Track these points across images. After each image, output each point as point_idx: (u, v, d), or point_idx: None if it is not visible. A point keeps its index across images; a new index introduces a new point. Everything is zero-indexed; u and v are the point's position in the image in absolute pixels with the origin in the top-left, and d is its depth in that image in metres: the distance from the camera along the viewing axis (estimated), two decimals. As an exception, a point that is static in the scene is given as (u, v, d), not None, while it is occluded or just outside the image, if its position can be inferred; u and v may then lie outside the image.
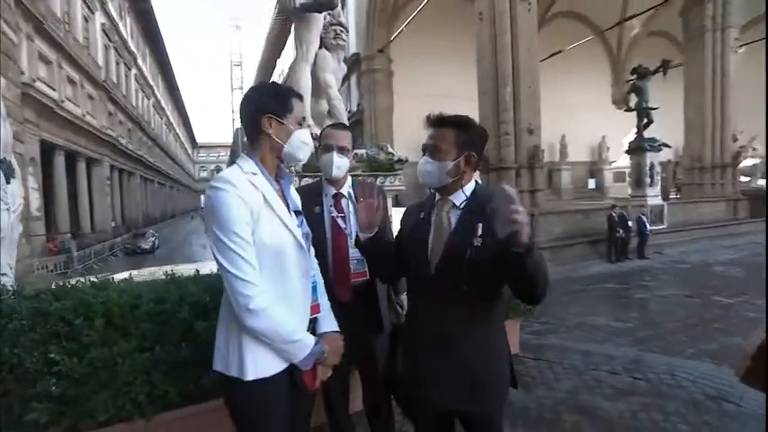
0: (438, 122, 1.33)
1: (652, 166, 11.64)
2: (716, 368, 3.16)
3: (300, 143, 1.28)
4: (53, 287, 1.96)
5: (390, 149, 5.62)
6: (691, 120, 13.79)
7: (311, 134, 1.36)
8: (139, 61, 31.45)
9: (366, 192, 1.35)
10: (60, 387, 1.72)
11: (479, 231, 1.25)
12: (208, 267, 2.38)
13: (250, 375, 1.16)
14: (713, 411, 2.52)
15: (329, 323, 1.38)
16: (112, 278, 2.05)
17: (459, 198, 1.33)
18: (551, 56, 15.82)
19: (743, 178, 14.87)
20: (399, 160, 5.75)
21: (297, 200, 1.38)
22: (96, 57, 21.16)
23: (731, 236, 12.20)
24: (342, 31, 5.75)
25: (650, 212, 10.96)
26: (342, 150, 1.71)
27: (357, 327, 1.62)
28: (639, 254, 9.85)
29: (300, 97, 1.30)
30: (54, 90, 15.88)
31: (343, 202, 1.76)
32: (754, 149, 16.65)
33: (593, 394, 2.68)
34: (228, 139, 58.01)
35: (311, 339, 1.23)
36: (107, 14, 23.37)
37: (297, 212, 1.33)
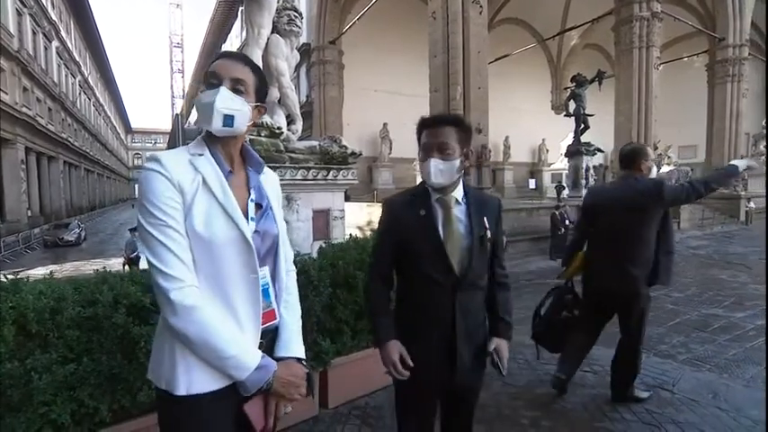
0: (441, 122, 1.36)
1: (587, 169, 12.50)
2: (646, 357, 3.41)
3: (200, 105, 1.04)
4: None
5: (344, 142, 5.45)
6: (621, 127, 14.96)
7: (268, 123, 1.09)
8: (62, 33, 28.27)
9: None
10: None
11: (486, 223, 1.38)
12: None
13: (181, 389, 0.94)
14: (653, 400, 2.69)
15: (293, 347, 1.11)
16: (27, 278, 1.73)
17: (459, 193, 1.40)
18: (497, 59, 16.44)
19: (662, 183, 16.43)
20: (353, 153, 5.59)
21: (270, 192, 1.15)
22: (7, 23, 18.67)
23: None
24: (296, 16, 5.46)
25: (586, 212, 11.76)
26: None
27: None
28: (576, 251, 10.52)
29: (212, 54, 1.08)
30: (-48, 58, 13.82)
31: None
32: (669, 157, 18.50)
33: (548, 388, 2.76)
34: (167, 126, 54.09)
35: (253, 358, 0.96)
36: (22, -23, 20.70)
37: (260, 205, 1.09)
